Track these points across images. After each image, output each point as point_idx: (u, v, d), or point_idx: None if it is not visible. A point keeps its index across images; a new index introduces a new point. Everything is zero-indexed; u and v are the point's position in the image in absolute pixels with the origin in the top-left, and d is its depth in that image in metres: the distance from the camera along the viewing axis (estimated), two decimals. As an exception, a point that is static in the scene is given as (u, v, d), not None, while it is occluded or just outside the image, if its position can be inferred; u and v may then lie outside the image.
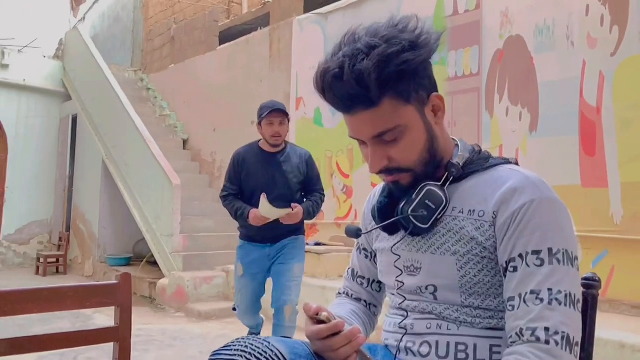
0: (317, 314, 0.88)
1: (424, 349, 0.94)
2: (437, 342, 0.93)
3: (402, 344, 0.97)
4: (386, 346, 1.02)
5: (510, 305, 0.87)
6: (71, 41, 9.37)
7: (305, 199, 3.03)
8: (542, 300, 0.83)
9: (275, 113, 2.85)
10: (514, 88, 4.31)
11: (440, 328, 0.93)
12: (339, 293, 1.20)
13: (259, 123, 2.90)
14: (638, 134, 3.55)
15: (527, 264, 0.86)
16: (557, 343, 0.81)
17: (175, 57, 9.55)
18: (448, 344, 0.92)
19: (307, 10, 7.23)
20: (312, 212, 2.95)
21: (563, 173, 3.82)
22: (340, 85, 0.88)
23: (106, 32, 12.25)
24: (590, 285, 0.98)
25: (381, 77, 0.86)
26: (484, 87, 4.51)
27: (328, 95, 0.91)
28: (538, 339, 0.81)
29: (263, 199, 2.74)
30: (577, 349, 0.83)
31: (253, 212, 2.81)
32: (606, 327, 2.88)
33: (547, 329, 0.82)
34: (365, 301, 1.15)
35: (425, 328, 0.95)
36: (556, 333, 0.81)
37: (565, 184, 3.80)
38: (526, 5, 4.24)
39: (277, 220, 2.82)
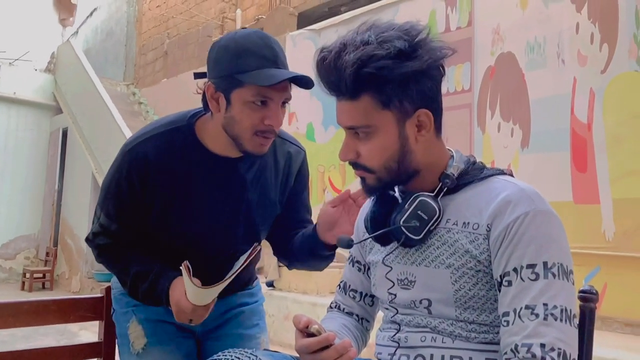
0: (307, 327, 0.86)
1: (418, 363, 0.91)
2: (431, 356, 0.90)
3: (396, 357, 0.94)
4: (379, 361, 0.99)
5: (504, 321, 0.84)
6: (63, 54, 9.36)
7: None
8: (537, 315, 0.81)
9: (281, 87, 1.11)
10: (505, 104, 4.33)
11: (434, 341, 0.91)
12: (331, 307, 1.16)
13: (226, 90, 1.12)
14: (629, 150, 3.57)
15: (521, 278, 0.84)
16: None
17: (168, 72, 9.56)
18: (443, 357, 0.89)
19: (300, 26, 7.28)
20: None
21: (555, 189, 3.82)
22: (323, 68, 0.91)
23: (99, 46, 12.27)
24: (588, 298, 0.95)
25: (357, 74, 0.87)
26: (476, 103, 4.53)
27: (317, 72, 0.94)
28: (534, 356, 0.79)
29: (185, 274, 1.11)
30: None
31: (175, 297, 1.15)
32: (600, 344, 2.84)
33: (543, 346, 0.79)
34: (357, 315, 1.12)
35: (420, 341, 0.92)
36: (552, 350, 0.79)
37: (557, 200, 3.79)
38: (517, 22, 4.29)
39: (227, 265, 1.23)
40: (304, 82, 1.11)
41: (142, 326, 1.29)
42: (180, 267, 1.10)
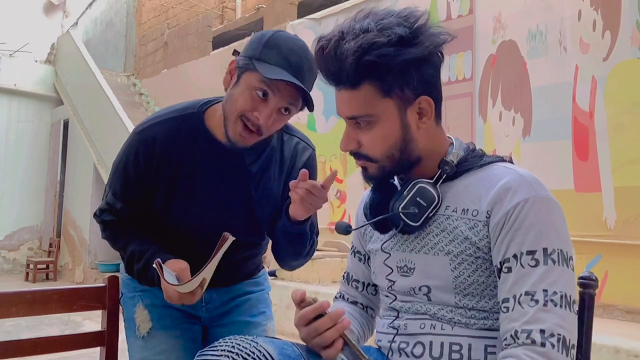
0: (303, 301, 0.89)
1: (418, 350, 0.92)
2: (430, 343, 0.91)
3: (395, 345, 0.95)
4: (379, 348, 1.00)
5: (504, 307, 0.85)
6: (63, 46, 9.33)
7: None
8: (537, 301, 0.81)
9: (287, 86, 1.09)
10: (507, 93, 4.31)
11: (434, 328, 0.91)
12: (336, 297, 1.18)
13: (242, 69, 1.13)
14: (630, 139, 3.56)
15: (521, 264, 0.84)
16: (553, 346, 0.79)
17: (168, 62, 9.52)
18: (442, 344, 0.90)
19: (300, 15, 7.24)
20: (311, 240, 1.30)
21: (556, 178, 3.81)
22: (322, 58, 0.90)
23: (99, 36, 12.22)
24: (587, 285, 0.96)
25: (358, 62, 0.86)
26: (477, 92, 4.51)
27: (316, 62, 0.93)
28: (534, 342, 0.79)
29: (159, 273, 1.11)
30: (574, 352, 0.82)
31: (164, 283, 1.12)
32: (600, 331, 2.86)
33: (542, 331, 0.80)
34: (361, 304, 1.14)
35: (419, 328, 0.93)
36: (552, 335, 0.80)
37: (558, 189, 3.79)
38: (519, 10, 4.25)
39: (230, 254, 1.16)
40: (307, 101, 1.11)
41: (148, 311, 1.32)
42: (153, 266, 1.11)
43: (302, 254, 1.31)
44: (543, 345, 0.79)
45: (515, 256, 0.85)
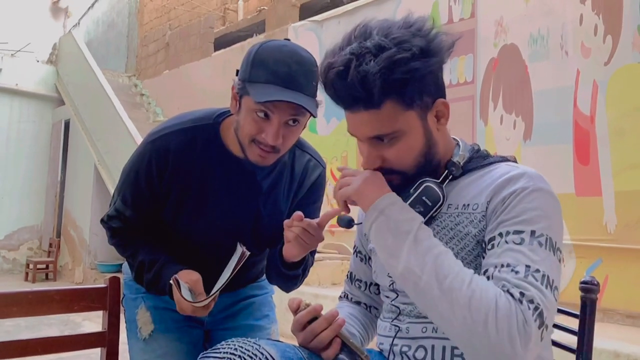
0: (299, 307, 0.90)
1: (420, 354, 0.91)
2: (432, 347, 0.91)
3: (397, 348, 0.95)
4: (381, 351, 1.00)
5: (485, 277, 0.81)
6: (65, 46, 9.34)
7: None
8: (517, 272, 0.78)
9: (285, 105, 1.07)
10: (508, 96, 4.32)
11: (435, 332, 0.91)
12: (340, 297, 1.19)
13: (239, 94, 1.12)
14: (631, 143, 3.56)
15: (506, 241, 0.82)
16: (528, 308, 0.75)
17: (170, 63, 9.54)
18: (444, 348, 0.90)
19: (302, 17, 7.25)
20: (304, 274, 1.29)
21: (557, 182, 3.81)
22: (342, 84, 0.86)
23: (100, 37, 12.24)
24: (589, 289, 0.96)
25: (386, 82, 0.83)
26: (479, 95, 4.52)
27: (329, 91, 0.90)
28: (511, 294, 0.76)
29: (175, 290, 1.13)
30: (545, 333, 0.77)
31: (177, 295, 1.12)
32: (601, 336, 2.86)
33: (522, 294, 0.76)
34: (365, 304, 1.14)
35: (421, 332, 0.93)
36: (531, 302, 0.75)
37: (559, 193, 3.76)
38: (520, 14, 4.26)
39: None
40: (307, 109, 1.06)
41: (150, 313, 1.32)
42: (170, 282, 1.12)
43: (293, 288, 1.30)
44: (520, 302, 0.76)
45: (500, 234, 0.83)
